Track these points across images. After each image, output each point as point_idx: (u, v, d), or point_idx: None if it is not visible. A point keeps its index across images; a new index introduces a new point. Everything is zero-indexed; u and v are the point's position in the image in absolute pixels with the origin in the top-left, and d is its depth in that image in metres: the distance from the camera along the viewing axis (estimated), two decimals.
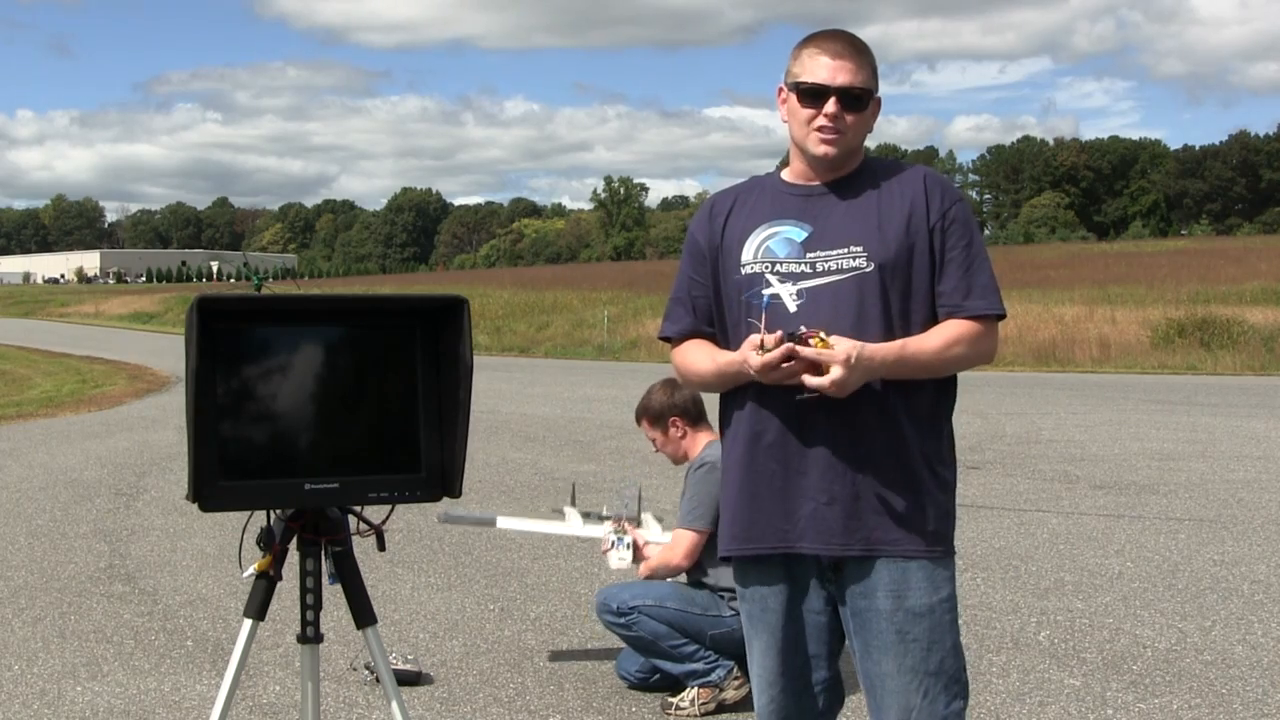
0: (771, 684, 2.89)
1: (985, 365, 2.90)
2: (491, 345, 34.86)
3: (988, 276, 2.78)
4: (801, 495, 2.75)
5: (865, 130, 2.80)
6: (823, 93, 2.73)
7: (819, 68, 2.74)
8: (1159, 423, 14.79)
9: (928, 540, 2.74)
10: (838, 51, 2.75)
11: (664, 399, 5.02)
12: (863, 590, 2.76)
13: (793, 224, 2.79)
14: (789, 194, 2.83)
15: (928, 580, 2.74)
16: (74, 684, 5.19)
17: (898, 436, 2.73)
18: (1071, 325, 28.26)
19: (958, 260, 2.75)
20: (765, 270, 2.76)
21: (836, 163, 2.79)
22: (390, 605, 6.35)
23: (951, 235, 2.76)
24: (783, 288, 2.74)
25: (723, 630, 4.78)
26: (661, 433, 5.06)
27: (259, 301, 2.77)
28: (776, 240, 2.79)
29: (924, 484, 2.75)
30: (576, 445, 12.51)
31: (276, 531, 2.81)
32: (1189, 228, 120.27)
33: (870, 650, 2.77)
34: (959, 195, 2.83)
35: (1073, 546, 7.81)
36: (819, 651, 2.87)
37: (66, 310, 73.96)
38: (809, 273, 2.73)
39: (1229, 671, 5.28)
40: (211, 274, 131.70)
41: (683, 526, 4.80)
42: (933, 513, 2.76)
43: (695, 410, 5.01)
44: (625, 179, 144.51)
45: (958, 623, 2.83)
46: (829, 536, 2.74)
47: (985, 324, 2.77)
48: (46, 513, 9.22)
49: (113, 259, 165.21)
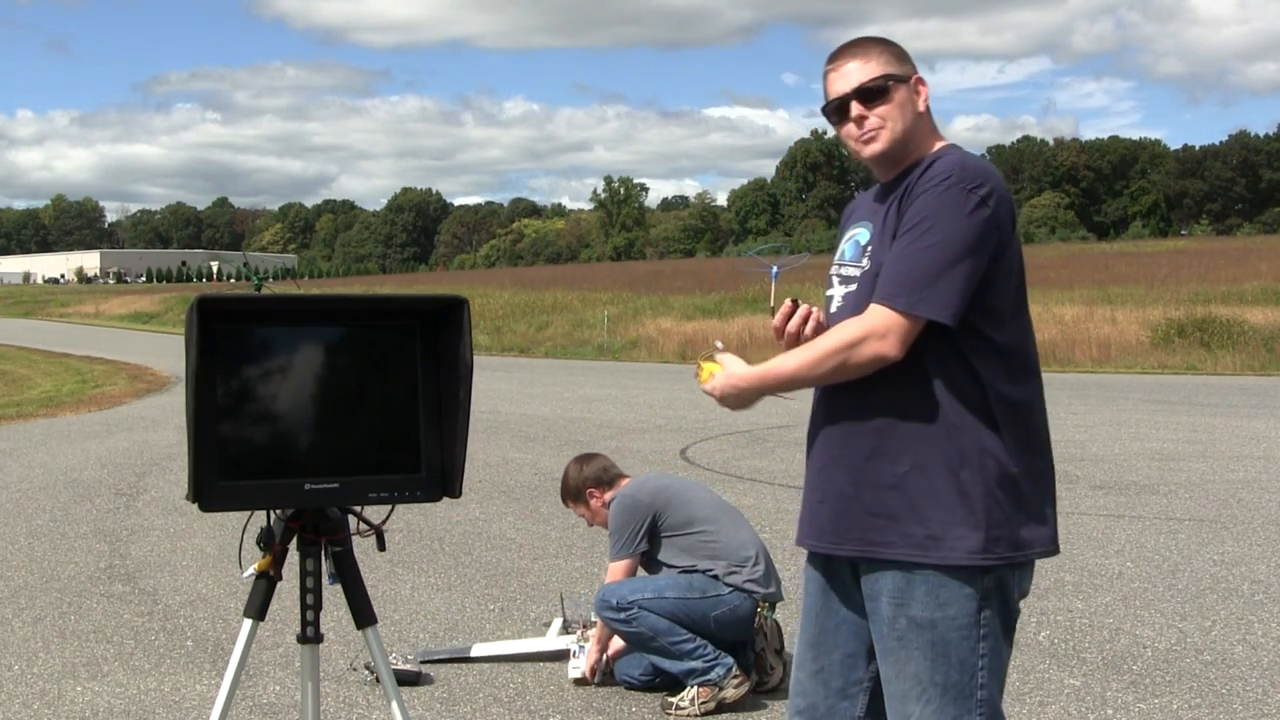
0: (799, 667, 2.90)
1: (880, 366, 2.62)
2: (491, 345, 34.86)
3: (909, 267, 2.58)
4: (810, 492, 2.81)
5: (906, 116, 2.72)
6: (841, 105, 2.76)
7: (830, 84, 2.79)
8: (1159, 423, 14.80)
9: (929, 549, 2.61)
10: (841, 60, 2.78)
11: (575, 474, 5.29)
12: (871, 593, 2.73)
13: (865, 225, 2.81)
14: (876, 195, 2.85)
15: (931, 595, 2.63)
16: (74, 684, 5.19)
17: (904, 438, 2.64)
18: (1071, 325, 28.26)
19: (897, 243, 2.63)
20: (834, 272, 2.84)
21: (892, 158, 2.75)
22: (390, 605, 6.35)
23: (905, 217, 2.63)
24: (838, 290, 2.81)
25: (725, 609, 4.85)
26: (585, 506, 5.29)
27: (259, 301, 2.77)
28: (849, 243, 2.83)
29: (933, 489, 2.62)
30: (576, 445, 12.47)
31: (276, 531, 2.81)
32: (1189, 228, 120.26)
33: (878, 652, 2.76)
34: (945, 181, 2.61)
35: (1073, 546, 7.81)
36: (856, 650, 2.82)
37: (66, 310, 73.97)
38: (855, 276, 2.77)
39: (1229, 671, 5.28)
40: (211, 274, 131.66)
41: (615, 560, 5.05)
42: (941, 521, 2.61)
43: (607, 477, 5.25)
44: (625, 179, 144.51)
45: (979, 643, 2.65)
46: (820, 534, 2.76)
47: (881, 317, 2.59)
48: (46, 513, 9.21)
49: (113, 259, 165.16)
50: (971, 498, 2.61)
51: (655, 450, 12.50)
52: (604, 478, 5.24)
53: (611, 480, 5.24)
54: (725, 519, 5.07)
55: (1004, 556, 2.64)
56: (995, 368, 2.66)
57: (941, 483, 2.62)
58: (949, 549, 2.61)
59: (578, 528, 8.43)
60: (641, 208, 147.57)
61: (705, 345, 3.06)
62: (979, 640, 2.66)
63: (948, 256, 2.57)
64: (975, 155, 2.73)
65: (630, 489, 5.12)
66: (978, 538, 2.61)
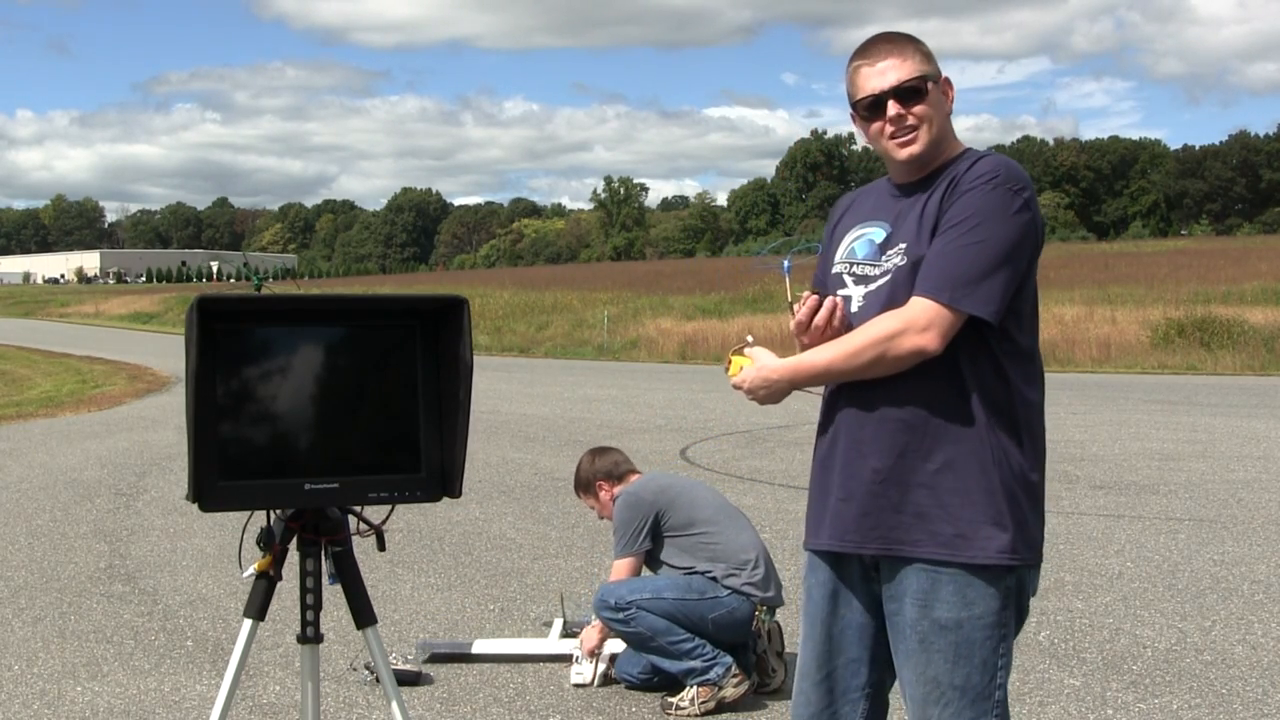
0: (804, 676, 2.85)
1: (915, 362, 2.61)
2: (491, 345, 34.86)
3: (952, 264, 2.57)
4: (829, 493, 2.76)
5: (940, 116, 2.71)
6: (878, 102, 2.70)
7: (865, 79, 2.72)
8: (1159, 423, 14.80)
9: (958, 548, 2.61)
10: (877, 56, 2.72)
11: (588, 467, 5.35)
12: (893, 594, 2.70)
13: (879, 225, 2.76)
14: (889, 194, 2.80)
15: (958, 594, 2.62)
16: (74, 684, 5.19)
17: (937, 436, 2.62)
18: (1071, 325, 28.28)
19: (940, 239, 2.61)
20: (844, 271, 2.78)
21: (927, 158, 2.71)
22: (390, 605, 6.35)
23: (946, 211, 2.62)
24: (855, 290, 2.75)
25: (722, 612, 4.85)
26: (595, 498, 5.34)
27: (259, 301, 2.77)
28: (861, 241, 2.78)
29: (964, 488, 2.61)
30: (576, 445, 12.47)
31: (276, 531, 2.81)
32: (1189, 228, 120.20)
33: (897, 654, 2.73)
34: (992, 180, 2.61)
35: (1073, 546, 7.81)
36: (860, 655, 2.80)
37: (66, 310, 73.97)
38: (874, 275, 2.72)
39: (1229, 671, 5.28)
40: (211, 274, 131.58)
41: (618, 558, 5.07)
42: (970, 520, 2.61)
43: (618, 471, 5.30)
44: (625, 179, 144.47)
45: (1000, 643, 2.67)
46: (844, 533, 2.72)
47: (922, 310, 2.58)
48: (46, 513, 9.21)
49: (113, 259, 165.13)
50: (999, 497, 2.62)
51: (655, 450, 12.50)
52: (615, 472, 5.28)
53: (622, 475, 5.27)
54: (727, 521, 5.07)
55: (1026, 557, 2.67)
56: (1018, 370, 2.69)
57: (971, 481, 2.62)
58: (978, 548, 2.62)
59: (578, 528, 8.43)
60: (641, 208, 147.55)
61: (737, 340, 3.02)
62: (1000, 640, 2.67)
63: (994, 255, 2.58)
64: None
65: (634, 487, 5.14)
66: (1005, 538, 2.62)
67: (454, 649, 5.49)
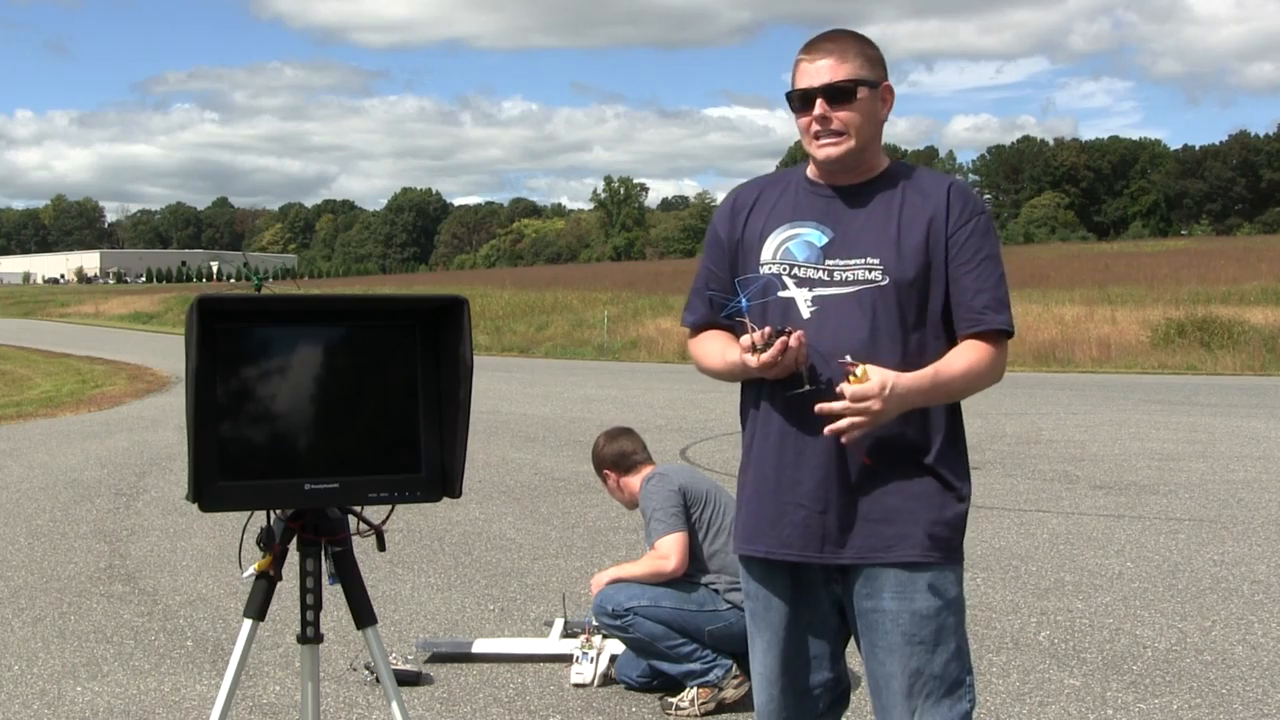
0: (772, 683, 2.87)
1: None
2: (491, 345, 34.85)
3: (1005, 293, 2.74)
4: (792, 502, 2.73)
5: (869, 125, 2.71)
6: (807, 96, 2.71)
7: (801, 74, 2.73)
8: (1159, 423, 14.79)
9: (929, 548, 2.71)
10: (817, 53, 2.72)
11: (598, 450, 5.27)
12: (869, 592, 2.74)
13: (814, 227, 2.75)
14: (812, 193, 2.79)
15: (932, 585, 2.72)
16: (74, 684, 5.19)
17: (899, 442, 2.69)
18: (1071, 325, 28.28)
19: (976, 274, 2.69)
20: (783, 272, 2.74)
21: (848, 164, 2.73)
22: (390, 605, 6.35)
23: (969, 249, 2.69)
24: (799, 292, 2.72)
25: (720, 625, 4.79)
26: (603, 481, 5.29)
27: (259, 301, 2.77)
28: (796, 242, 2.76)
29: (929, 491, 2.72)
30: (576, 445, 12.47)
31: (276, 531, 2.81)
32: (1189, 228, 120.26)
33: (876, 651, 2.76)
34: (983, 207, 2.77)
35: (1073, 546, 7.81)
36: (821, 653, 2.85)
37: (66, 310, 73.96)
38: (825, 280, 2.70)
39: (1229, 671, 5.28)
40: (211, 274, 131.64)
41: (661, 536, 4.85)
42: (938, 520, 2.72)
43: (625, 462, 5.17)
44: (625, 179, 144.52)
45: (964, 626, 2.81)
46: (820, 544, 2.72)
47: (999, 343, 2.73)
48: (46, 513, 9.21)
49: (113, 259, 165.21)
50: (959, 495, 2.78)
51: (655, 450, 12.36)
52: (622, 462, 5.17)
53: (630, 466, 5.16)
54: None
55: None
56: None
57: (938, 484, 2.74)
58: (949, 544, 2.76)
59: (578, 528, 8.43)
60: (641, 208, 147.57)
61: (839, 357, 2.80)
62: (962, 623, 2.81)
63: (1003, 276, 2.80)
64: None
65: (661, 469, 5.05)
66: (962, 531, 2.80)
67: (454, 649, 5.48)
